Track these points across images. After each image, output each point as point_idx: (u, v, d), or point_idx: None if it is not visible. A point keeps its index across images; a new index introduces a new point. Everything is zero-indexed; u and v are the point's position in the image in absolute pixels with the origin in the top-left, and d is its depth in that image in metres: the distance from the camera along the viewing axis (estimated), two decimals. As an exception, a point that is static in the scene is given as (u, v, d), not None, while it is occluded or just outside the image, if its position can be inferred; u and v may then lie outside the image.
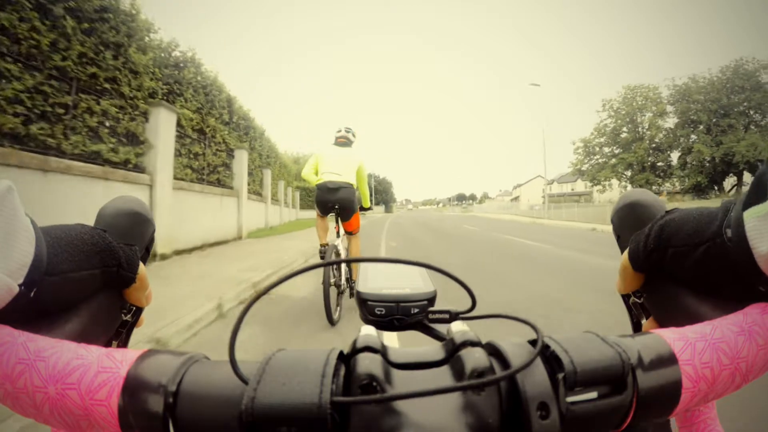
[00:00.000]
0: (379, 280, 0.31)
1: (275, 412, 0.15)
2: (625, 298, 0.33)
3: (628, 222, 0.31)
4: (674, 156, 29.53)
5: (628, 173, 30.39)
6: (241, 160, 8.88)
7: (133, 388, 0.17)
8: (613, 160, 30.69)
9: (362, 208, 3.38)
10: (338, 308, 2.85)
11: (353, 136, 3.23)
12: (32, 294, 0.19)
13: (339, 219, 2.99)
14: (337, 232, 3.02)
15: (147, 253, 0.32)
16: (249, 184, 9.74)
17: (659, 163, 30.09)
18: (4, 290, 0.17)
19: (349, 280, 3.02)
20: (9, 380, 0.18)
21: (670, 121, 29.08)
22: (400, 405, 0.16)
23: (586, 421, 0.17)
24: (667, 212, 0.27)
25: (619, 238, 0.33)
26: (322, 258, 3.02)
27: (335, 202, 2.91)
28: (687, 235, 0.24)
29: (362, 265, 0.34)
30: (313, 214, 22.62)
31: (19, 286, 0.18)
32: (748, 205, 0.20)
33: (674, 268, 0.26)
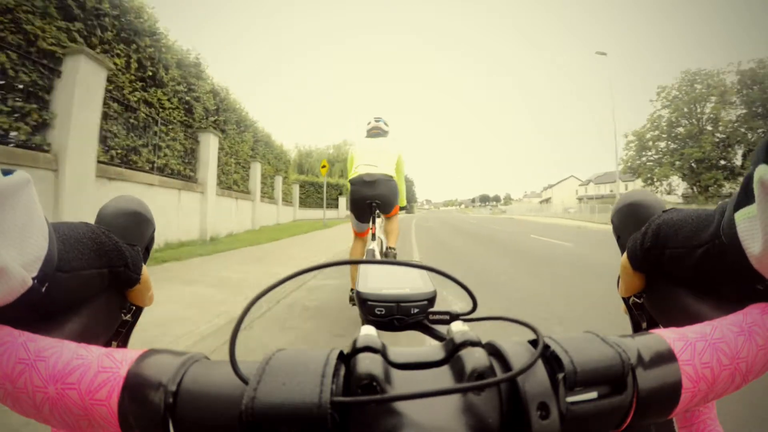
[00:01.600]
0: (380, 281, 0.31)
1: (275, 412, 0.15)
2: (626, 299, 0.33)
3: (629, 222, 0.31)
4: (739, 153, 24.52)
5: (688, 170, 25.39)
6: (208, 146, 7.18)
7: (133, 388, 0.17)
8: (671, 157, 25.90)
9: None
10: None
11: (386, 125, 2.78)
12: (44, 289, 0.19)
13: (374, 218, 2.48)
14: (373, 234, 2.46)
15: (147, 253, 0.32)
16: (225, 177, 8.49)
17: (722, 162, 25.02)
18: (18, 282, 0.17)
19: None
20: (9, 380, 0.17)
21: (734, 113, 24.28)
22: (400, 405, 0.16)
23: (586, 421, 0.17)
24: (664, 212, 0.28)
25: (619, 238, 0.33)
26: (353, 303, 2.56)
27: (373, 198, 2.43)
28: (685, 237, 0.24)
29: (362, 265, 0.34)
30: (315, 214, 19.81)
31: (33, 279, 0.18)
32: (739, 207, 0.20)
33: (673, 269, 0.26)
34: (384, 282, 0.30)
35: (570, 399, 0.17)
